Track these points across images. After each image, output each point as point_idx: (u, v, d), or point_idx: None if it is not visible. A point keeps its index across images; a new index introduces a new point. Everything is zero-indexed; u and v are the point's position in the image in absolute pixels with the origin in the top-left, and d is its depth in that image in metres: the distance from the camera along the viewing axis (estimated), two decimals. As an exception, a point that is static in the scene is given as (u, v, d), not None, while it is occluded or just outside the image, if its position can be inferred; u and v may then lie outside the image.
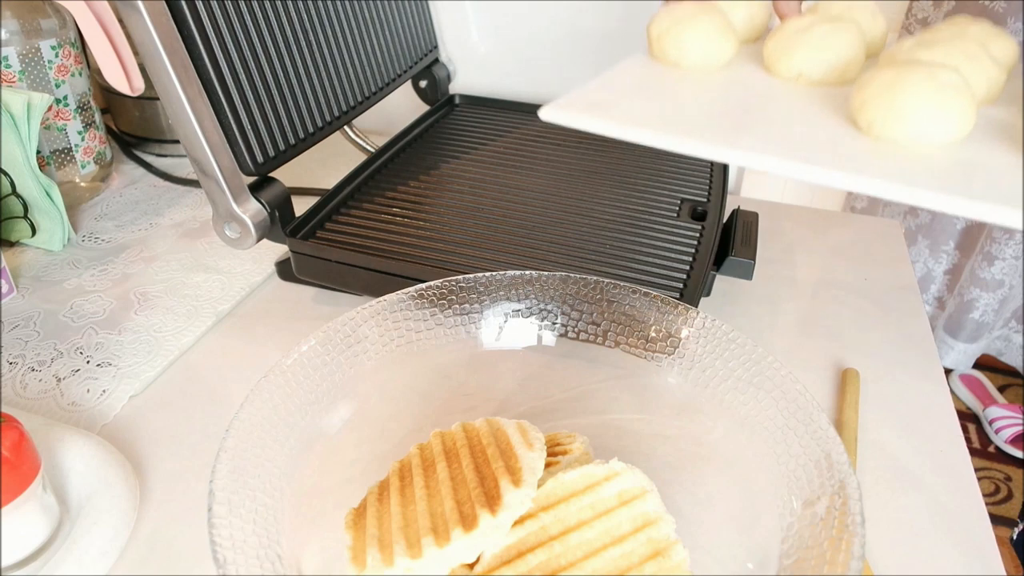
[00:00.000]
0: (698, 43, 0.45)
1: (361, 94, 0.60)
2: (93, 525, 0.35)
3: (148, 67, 0.42)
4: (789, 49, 0.43)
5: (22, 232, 0.59)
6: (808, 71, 0.43)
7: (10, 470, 0.31)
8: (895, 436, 0.44)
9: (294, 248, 0.50)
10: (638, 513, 0.29)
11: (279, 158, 0.50)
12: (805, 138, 0.36)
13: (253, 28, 0.48)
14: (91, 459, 0.38)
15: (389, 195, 0.57)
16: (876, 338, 0.52)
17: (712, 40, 0.45)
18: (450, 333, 0.42)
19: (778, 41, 0.44)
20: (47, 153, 0.64)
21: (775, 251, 0.62)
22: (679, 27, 0.45)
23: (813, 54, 0.42)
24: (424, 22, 0.70)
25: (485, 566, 0.28)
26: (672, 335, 0.41)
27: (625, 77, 0.44)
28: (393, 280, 0.48)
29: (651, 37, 0.47)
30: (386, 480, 0.32)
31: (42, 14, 0.60)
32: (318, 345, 0.38)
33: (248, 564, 0.28)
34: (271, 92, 0.49)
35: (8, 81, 0.59)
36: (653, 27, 0.46)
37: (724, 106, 0.41)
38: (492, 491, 0.29)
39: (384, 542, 0.29)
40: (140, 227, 0.64)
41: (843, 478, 0.30)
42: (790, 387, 0.35)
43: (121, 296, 0.54)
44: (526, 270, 0.42)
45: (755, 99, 0.42)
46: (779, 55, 0.44)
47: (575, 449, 0.34)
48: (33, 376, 0.47)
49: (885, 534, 0.38)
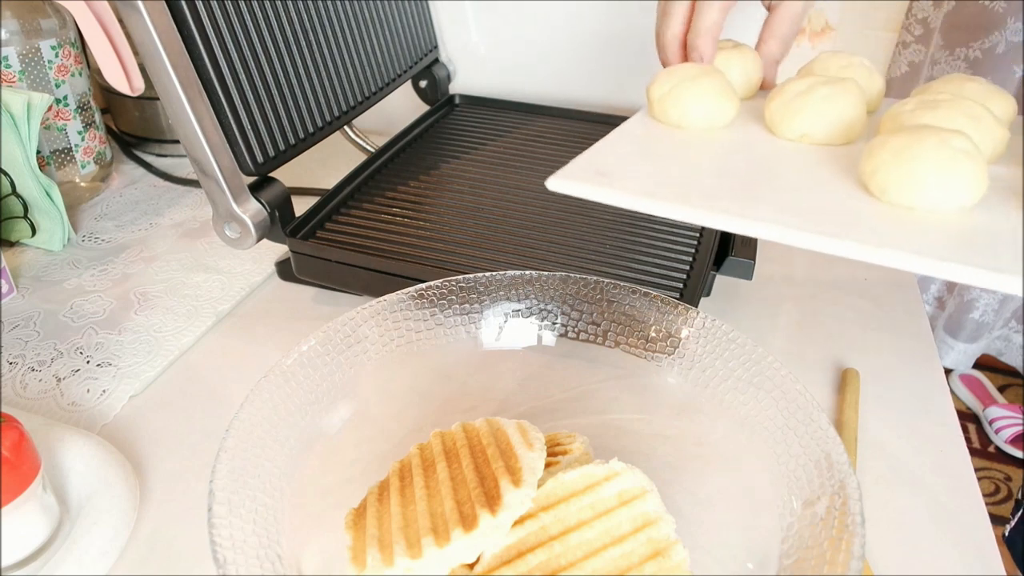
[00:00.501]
0: (700, 105, 0.44)
1: (361, 94, 0.60)
2: (93, 525, 0.35)
3: (148, 67, 0.42)
4: (792, 112, 0.43)
5: (22, 232, 0.59)
6: (812, 132, 0.43)
7: (10, 470, 0.31)
8: (895, 436, 0.44)
9: (294, 248, 0.50)
10: (638, 513, 0.29)
11: (279, 158, 0.50)
12: (818, 206, 0.36)
13: (253, 28, 0.48)
14: (91, 459, 0.38)
15: (389, 195, 0.57)
16: (876, 338, 0.52)
17: (714, 101, 0.44)
18: (450, 333, 0.42)
19: (780, 103, 0.44)
20: (47, 153, 0.64)
21: (775, 251, 0.62)
22: (680, 89, 0.45)
23: (816, 117, 0.42)
24: (424, 22, 0.70)
25: (485, 566, 0.28)
26: (672, 335, 0.41)
27: (628, 140, 0.44)
28: (393, 280, 0.48)
29: (651, 99, 0.46)
30: (386, 480, 0.32)
31: (42, 14, 0.60)
32: (318, 345, 0.38)
33: (248, 564, 0.28)
34: (271, 92, 0.49)
35: (8, 81, 0.59)
36: (654, 89, 0.46)
37: (732, 171, 0.40)
38: (492, 491, 0.29)
39: (384, 542, 0.29)
40: (140, 227, 0.64)
41: (843, 478, 0.30)
42: (790, 387, 0.35)
43: (121, 296, 0.54)
44: (526, 270, 0.42)
45: (762, 162, 0.41)
46: (781, 117, 0.43)
47: (575, 449, 0.34)
48: (33, 376, 0.47)
49: (885, 534, 0.38)
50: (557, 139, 0.67)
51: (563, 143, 0.66)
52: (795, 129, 0.43)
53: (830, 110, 0.42)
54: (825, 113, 0.42)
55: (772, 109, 0.44)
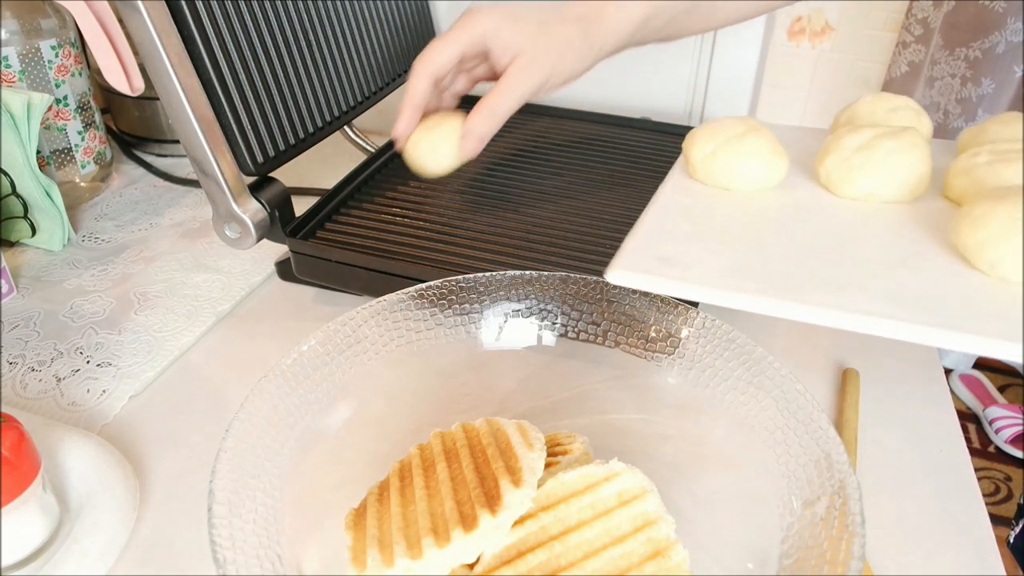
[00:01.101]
0: (753, 166, 0.41)
1: (361, 94, 0.60)
2: (93, 525, 0.35)
3: (148, 67, 0.42)
4: (853, 169, 0.40)
5: (22, 232, 0.59)
6: (879, 192, 0.40)
7: (10, 470, 0.31)
8: (895, 436, 0.44)
9: (294, 248, 0.50)
10: (638, 513, 0.29)
11: (279, 158, 0.50)
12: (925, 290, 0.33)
13: (253, 28, 0.48)
14: (91, 459, 0.38)
15: (389, 195, 0.57)
16: (876, 338, 0.52)
17: (767, 161, 0.41)
18: (450, 333, 0.42)
19: (838, 160, 0.41)
20: (47, 153, 0.64)
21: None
22: (728, 149, 0.41)
23: (884, 174, 0.39)
24: (424, 22, 0.70)
25: (485, 566, 0.28)
26: (672, 335, 0.41)
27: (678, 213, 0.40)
28: (393, 280, 0.48)
29: (692, 160, 0.43)
30: (386, 480, 0.32)
31: (42, 14, 0.60)
32: (318, 345, 0.38)
33: (248, 564, 0.28)
34: (271, 92, 0.49)
35: (8, 81, 0.59)
36: (694, 150, 0.43)
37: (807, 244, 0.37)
38: (492, 491, 0.29)
39: (384, 542, 0.29)
40: (140, 227, 0.64)
41: (843, 478, 0.30)
42: (790, 387, 0.35)
43: (121, 296, 0.54)
44: (526, 270, 0.42)
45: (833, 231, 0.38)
46: (842, 176, 0.40)
47: (575, 449, 0.34)
48: (33, 376, 0.47)
49: (885, 534, 0.38)
50: (557, 139, 0.67)
51: (563, 143, 0.66)
52: (859, 188, 0.40)
53: (898, 166, 0.39)
54: (893, 170, 0.39)
55: (828, 166, 0.41)
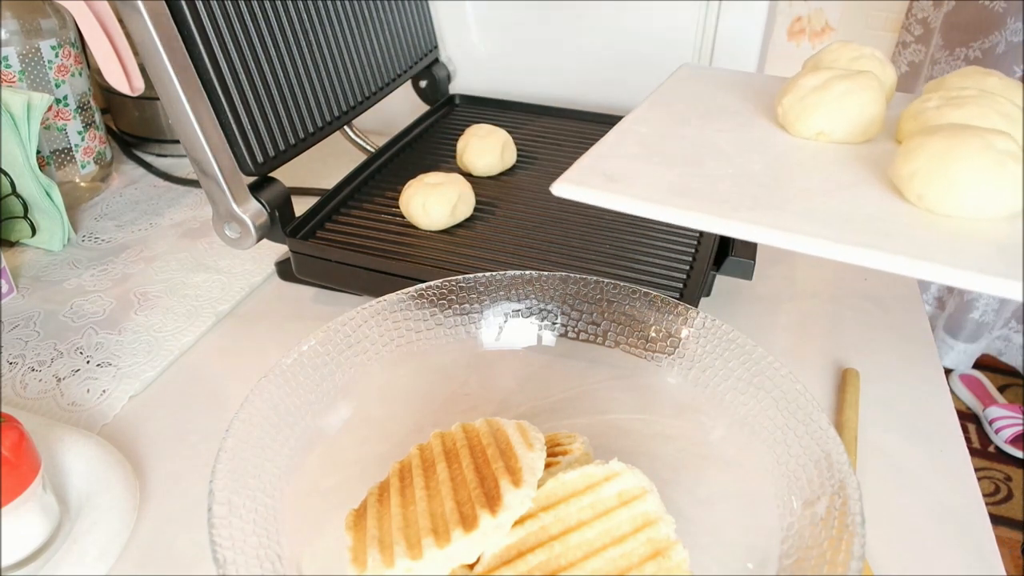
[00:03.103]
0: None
1: (361, 94, 0.60)
2: (93, 525, 0.35)
3: (148, 67, 0.42)
4: (807, 108, 0.41)
5: (22, 232, 0.59)
6: (830, 130, 0.40)
7: (10, 470, 0.31)
8: (895, 436, 0.44)
9: (294, 248, 0.50)
10: (638, 513, 0.29)
11: (279, 158, 0.50)
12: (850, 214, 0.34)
13: (253, 28, 0.48)
14: (91, 459, 0.38)
15: (389, 195, 0.57)
16: (876, 338, 0.52)
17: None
18: (450, 333, 0.42)
19: (793, 99, 0.41)
20: (47, 153, 0.64)
21: (775, 251, 0.62)
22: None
23: (835, 113, 0.40)
24: (424, 22, 0.70)
25: (485, 566, 0.28)
26: (672, 335, 0.41)
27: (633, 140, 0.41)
28: (393, 280, 0.48)
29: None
30: (386, 481, 0.32)
31: (42, 14, 0.60)
32: (318, 345, 0.38)
33: (248, 564, 0.28)
34: (271, 92, 0.49)
35: (8, 81, 0.59)
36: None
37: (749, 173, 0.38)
38: (492, 491, 0.29)
39: (384, 543, 0.29)
40: (140, 227, 0.64)
41: (843, 478, 0.30)
42: (790, 387, 0.35)
43: (121, 296, 0.54)
44: (526, 270, 0.42)
45: (779, 163, 0.39)
46: (796, 114, 0.41)
47: (575, 449, 0.34)
48: (33, 376, 0.47)
49: (885, 534, 0.38)
50: (557, 139, 0.67)
51: (563, 143, 0.66)
52: (811, 127, 0.41)
53: (850, 106, 0.40)
54: (844, 110, 0.40)
55: (785, 105, 0.42)
